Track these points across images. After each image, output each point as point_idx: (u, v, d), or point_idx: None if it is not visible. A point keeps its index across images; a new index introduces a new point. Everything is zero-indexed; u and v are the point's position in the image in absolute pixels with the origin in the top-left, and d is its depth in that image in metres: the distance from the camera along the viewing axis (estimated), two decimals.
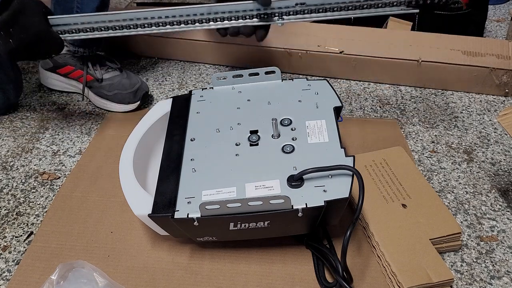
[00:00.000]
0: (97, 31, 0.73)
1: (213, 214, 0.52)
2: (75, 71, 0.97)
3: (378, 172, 0.73)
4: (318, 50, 1.06)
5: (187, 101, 0.71)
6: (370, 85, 1.08)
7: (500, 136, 0.91)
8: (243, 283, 0.60)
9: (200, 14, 0.72)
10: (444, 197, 0.75)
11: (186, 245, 0.65)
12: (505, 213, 0.72)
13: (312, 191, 0.53)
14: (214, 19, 0.72)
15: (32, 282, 0.59)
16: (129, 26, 0.73)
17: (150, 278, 0.60)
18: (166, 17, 0.72)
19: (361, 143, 0.85)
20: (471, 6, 1.16)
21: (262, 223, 0.54)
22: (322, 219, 0.56)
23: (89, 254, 0.64)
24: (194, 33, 1.13)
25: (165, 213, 0.54)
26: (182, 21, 0.72)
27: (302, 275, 0.60)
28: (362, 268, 0.61)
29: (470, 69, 1.01)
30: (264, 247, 0.64)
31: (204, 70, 1.14)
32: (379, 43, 1.04)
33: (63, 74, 1.00)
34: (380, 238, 0.62)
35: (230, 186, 0.56)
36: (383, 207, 0.66)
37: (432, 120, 0.95)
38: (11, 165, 0.82)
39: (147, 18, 0.72)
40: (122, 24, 0.73)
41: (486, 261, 0.64)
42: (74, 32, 0.73)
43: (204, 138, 0.64)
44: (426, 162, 0.83)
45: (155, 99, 1.02)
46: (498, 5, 1.55)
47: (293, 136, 0.61)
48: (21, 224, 0.70)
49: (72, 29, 0.72)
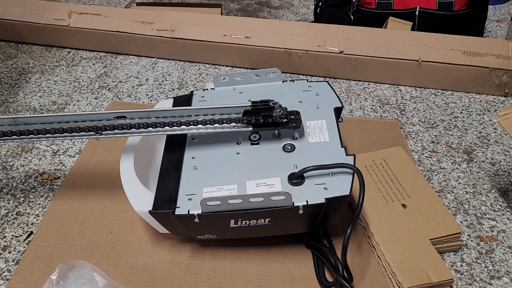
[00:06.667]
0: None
1: (214, 211, 0.52)
2: None
3: (378, 172, 0.73)
4: (318, 50, 1.06)
5: (188, 101, 0.71)
6: (370, 85, 1.08)
7: (500, 136, 0.91)
8: (243, 282, 0.60)
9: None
10: (444, 197, 0.75)
11: (186, 244, 0.65)
12: (505, 213, 0.72)
13: (313, 188, 0.54)
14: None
15: (32, 282, 0.59)
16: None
17: (150, 278, 0.60)
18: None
19: (361, 143, 0.85)
20: (471, 6, 1.17)
21: (263, 220, 0.54)
22: (323, 218, 0.56)
23: (89, 254, 0.63)
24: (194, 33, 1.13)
25: (166, 209, 0.54)
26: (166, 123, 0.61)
27: (302, 275, 0.60)
28: (362, 268, 0.61)
29: (470, 69, 1.01)
30: (264, 246, 0.64)
31: (204, 70, 1.14)
32: (379, 43, 1.04)
33: None
34: (380, 238, 0.62)
35: (231, 184, 0.56)
36: (383, 207, 0.66)
37: (432, 120, 0.95)
38: (11, 165, 0.82)
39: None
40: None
41: (486, 261, 0.64)
42: None
43: (205, 137, 0.64)
44: (426, 162, 0.83)
45: (155, 99, 1.02)
46: (498, 5, 1.55)
47: (293, 136, 0.62)
48: (21, 224, 0.69)
49: None
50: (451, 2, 1.14)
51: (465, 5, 1.15)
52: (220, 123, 0.60)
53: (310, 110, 0.66)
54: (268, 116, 0.59)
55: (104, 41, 1.20)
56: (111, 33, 1.17)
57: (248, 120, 0.59)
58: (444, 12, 1.14)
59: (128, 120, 0.60)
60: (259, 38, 1.09)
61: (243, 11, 1.54)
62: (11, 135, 0.58)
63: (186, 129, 0.61)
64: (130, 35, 1.16)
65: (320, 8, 1.30)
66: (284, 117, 0.60)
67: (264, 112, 0.59)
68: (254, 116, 0.59)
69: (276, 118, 0.59)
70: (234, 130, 0.60)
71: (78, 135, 0.59)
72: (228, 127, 0.60)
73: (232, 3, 1.61)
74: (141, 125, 0.60)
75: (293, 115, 0.61)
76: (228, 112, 0.61)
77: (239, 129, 0.60)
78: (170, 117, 0.61)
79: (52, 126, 0.59)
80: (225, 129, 0.60)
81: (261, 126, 0.59)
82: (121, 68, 1.15)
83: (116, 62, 1.18)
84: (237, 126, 0.60)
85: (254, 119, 0.59)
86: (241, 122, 0.60)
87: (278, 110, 0.59)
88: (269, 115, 0.59)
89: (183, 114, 0.61)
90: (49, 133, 0.59)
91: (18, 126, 0.59)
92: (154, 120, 0.61)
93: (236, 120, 0.60)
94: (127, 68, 1.15)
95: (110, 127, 0.59)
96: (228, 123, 0.60)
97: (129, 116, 0.61)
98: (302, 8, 1.57)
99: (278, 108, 0.60)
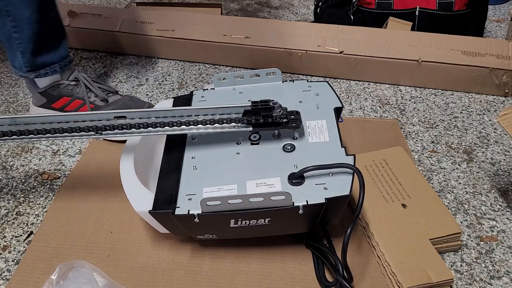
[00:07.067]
0: None
1: (214, 211, 0.52)
2: (72, 102, 0.85)
3: (378, 172, 0.73)
4: (318, 50, 1.06)
5: (188, 101, 0.71)
6: (370, 85, 1.08)
7: (500, 136, 0.91)
8: (243, 282, 0.60)
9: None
10: (444, 197, 0.75)
11: (186, 244, 0.65)
12: (505, 213, 0.72)
13: (313, 188, 0.54)
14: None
15: (32, 282, 0.59)
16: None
17: (150, 278, 0.60)
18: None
19: (361, 143, 0.85)
20: (471, 6, 1.17)
21: (263, 220, 0.54)
22: (323, 218, 0.56)
23: (89, 254, 0.63)
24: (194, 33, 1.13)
25: (166, 209, 0.54)
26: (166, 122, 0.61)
27: (302, 275, 0.60)
28: (362, 268, 0.61)
29: (470, 69, 1.01)
30: (264, 246, 0.64)
31: (204, 70, 1.14)
32: (379, 43, 1.04)
33: (58, 108, 0.87)
34: (380, 238, 0.62)
35: (231, 184, 0.56)
36: (383, 207, 0.66)
37: (432, 120, 0.95)
38: (11, 164, 0.82)
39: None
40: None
41: (486, 261, 0.64)
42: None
43: (205, 137, 0.64)
44: (426, 162, 0.83)
45: (155, 99, 1.02)
46: (498, 5, 1.55)
47: (293, 136, 0.62)
48: (21, 224, 0.69)
49: None
50: (451, 2, 1.14)
51: (465, 5, 1.15)
52: (220, 123, 0.60)
53: (310, 110, 0.66)
54: (268, 116, 0.59)
55: (104, 41, 1.20)
56: (111, 33, 1.17)
57: (248, 120, 0.59)
58: (444, 12, 1.14)
59: (128, 120, 0.60)
60: (259, 38, 1.09)
61: (243, 11, 1.54)
62: (11, 135, 0.58)
63: (186, 129, 0.61)
64: (130, 35, 1.16)
65: (320, 8, 1.30)
66: (284, 117, 0.60)
67: (264, 112, 0.59)
68: (254, 116, 0.59)
69: (276, 118, 0.59)
70: (234, 130, 0.60)
71: (78, 135, 0.59)
72: (228, 127, 0.60)
73: (232, 3, 1.61)
74: (141, 125, 0.60)
75: (293, 115, 0.61)
76: (228, 112, 0.61)
77: (239, 129, 0.60)
78: (170, 117, 0.61)
79: (52, 126, 0.59)
80: (225, 129, 0.60)
81: (261, 126, 0.59)
82: (121, 68, 1.15)
83: (116, 62, 1.18)
84: (237, 126, 0.60)
85: (254, 119, 0.59)
86: (241, 122, 0.60)
87: (278, 110, 0.59)
88: (269, 115, 0.59)
89: (183, 114, 0.61)
90: (49, 133, 0.59)
91: (18, 126, 0.59)
92: (154, 120, 0.61)
93: (236, 120, 0.60)
94: (127, 68, 1.15)
95: (110, 127, 0.59)
96: (228, 123, 0.60)
97: (129, 116, 0.61)
98: (302, 8, 1.57)
99: (278, 108, 0.60)
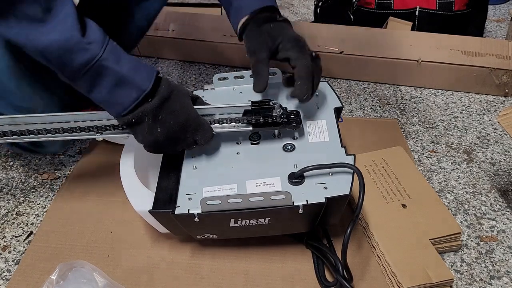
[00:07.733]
0: None
1: (214, 210, 0.52)
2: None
3: (378, 172, 0.73)
4: (318, 50, 1.06)
5: None
6: (370, 85, 1.08)
7: (500, 136, 0.91)
8: (243, 282, 0.60)
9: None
10: (444, 197, 0.75)
11: (186, 244, 0.65)
12: (505, 213, 0.72)
13: (313, 188, 0.54)
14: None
15: (32, 282, 0.59)
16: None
17: (150, 278, 0.60)
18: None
19: (361, 143, 0.85)
20: (471, 6, 1.17)
21: (263, 219, 0.54)
22: (323, 218, 0.56)
23: (89, 254, 0.63)
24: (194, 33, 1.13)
25: (166, 209, 0.54)
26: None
27: (302, 275, 0.60)
28: (362, 268, 0.61)
29: (470, 69, 1.01)
30: (264, 246, 0.64)
31: (204, 70, 1.14)
32: (379, 43, 1.04)
33: None
34: (380, 238, 0.62)
35: (231, 183, 0.56)
36: (383, 207, 0.66)
37: (432, 120, 0.95)
38: (11, 164, 0.82)
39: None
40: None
41: (486, 261, 0.64)
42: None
43: None
44: (426, 162, 0.83)
45: None
46: (498, 5, 1.55)
47: (293, 136, 0.62)
48: (21, 224, 0.69)
49: None
50: (451, 2, 1.14)
51: (465, 5, 1.16)
52: (220, 123, 0.60)
53: (310, 110, 0.66)
54: (268, 116, 0.59)
55: None
56: None
57: (248, 120, 0.59)
58: (444, 12, 1.14)
59: None
60: None
61: None
62: (11, 135, 0.58)
63: None
64: None
65: (320, 8, 1.30)
66: (284, 117, 0.60)
67: (264, 112, 0.59)
68: (254, 116, 0.59)
69: (276, 118, 0.59)
70: (234, 130, 0.60)
71: (78, 135, 0.59)
72: (228, 127, 0.60)
73: None
74: None
75: (293, 115, 0.61)
76: (228, 112, 0.61)
77: (239, 129, 0.60)
78: None
79: (52, 126, 0.59)
80: (225, 129, 0.60)
81: (261, 126, 0.59)
82: None
83: None
84: (237, 126, 0.60)
85: (254, 119, 0.59)
86: (241, 122, 0.60)
87: (278, 110, 0.59)
88: (269, 115, 0.59)
89: None
90: (49, 133, 0.59)
91: (18, 126, 0.59)
92: None
93: (236, 120, 0.59)
94: None
95: (110, 126, 0.59)
96: (228, 123, 0.60)
97: None
98: (302, 8, 1.57)
99: (278, 108, 0.59)
